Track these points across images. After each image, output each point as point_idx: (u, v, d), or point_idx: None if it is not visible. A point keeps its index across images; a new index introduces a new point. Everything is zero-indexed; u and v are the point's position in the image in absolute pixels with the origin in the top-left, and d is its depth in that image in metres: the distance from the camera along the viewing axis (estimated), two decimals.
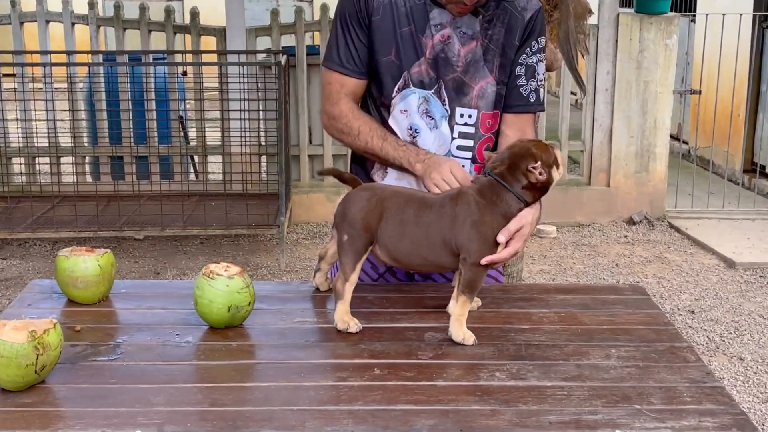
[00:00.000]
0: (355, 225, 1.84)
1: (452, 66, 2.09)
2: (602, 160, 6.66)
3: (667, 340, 1.86)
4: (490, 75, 2.12)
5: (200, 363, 1.72)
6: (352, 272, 1.84)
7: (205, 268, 1.87)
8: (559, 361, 1.73)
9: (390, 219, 1.85)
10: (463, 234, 1.83)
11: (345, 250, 1.85)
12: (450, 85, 2.11)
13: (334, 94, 2.13)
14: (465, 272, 1.83)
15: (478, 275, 1.83)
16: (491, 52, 2.11)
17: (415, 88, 2.09)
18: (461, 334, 1.80)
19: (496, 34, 2.11)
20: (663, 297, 5.10)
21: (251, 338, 1.85)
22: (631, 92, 6.50)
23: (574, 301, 2.09)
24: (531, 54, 2.14)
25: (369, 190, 1.89)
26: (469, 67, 2.11)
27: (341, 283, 1.84)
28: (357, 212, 1.85)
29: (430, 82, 2.10)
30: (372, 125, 2.10)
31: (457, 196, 1.87)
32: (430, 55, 2.08)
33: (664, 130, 6.57)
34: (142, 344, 1.80)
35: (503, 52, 2.12)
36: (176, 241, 6.13)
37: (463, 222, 1.83)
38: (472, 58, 2.10)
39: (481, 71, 2.11)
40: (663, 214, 6.67)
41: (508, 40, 2.12)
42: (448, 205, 1.85)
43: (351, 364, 1.71)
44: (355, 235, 1.84)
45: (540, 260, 5.79)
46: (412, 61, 2.08)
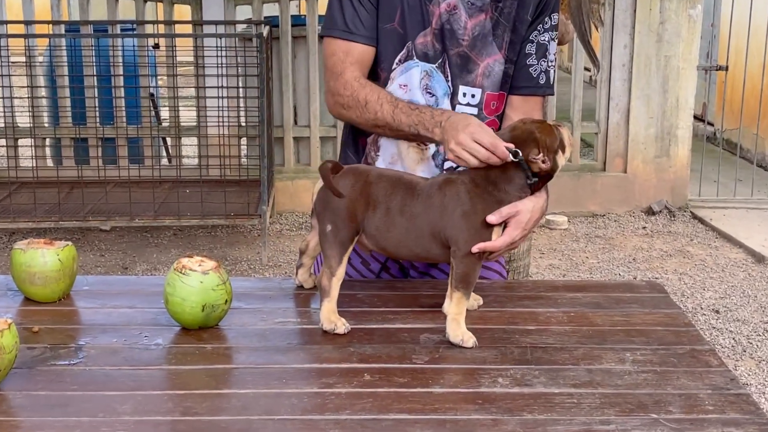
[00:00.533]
0: (339, 213, 1.84)
1: (458, 39, 2.09)
2: (618, 144, 6.67)
3: (687, 342, 1.86)
4: (498, 52, 2.11)
5: (171, 368, 1.72)
6: (338, 266, 1.84)
7: (176, 263, 1.87)
8: (568, 366, 1.73)
9: (375, 206, 1.86)
10: (452, 224, 1.83)
11: (329, 242, 1.85)
12: (454, 60, 2.10)
13: (338, 65, 2.07)
14: (457, 265, 1.83)
15: (472, 268, 1.83)
16: (501, 26, 2.11)
17: (419, 61, 2.09)
18: (459, 335, 1.81)
19: (507, 7, 2.10)
20: (684, 295, 5.11)
21: (228, 340, 1.85)
22: (650, 68, 6.50)
23: (586, 299, 2.09)
24: (543, 31, 2.14)
25: (352, 175, 1.89)
26: (477, 42, 2.10)
27: (327, 278, 1.84)
28: (344, 200, 1.84)
29: (434, 54, 2.09)
30: (380, 92, 2.05)
31: (445, 184, 1.87)
32: (437, 25, 2.08)
33: (686, 111, 6.57)
34: (107, 347, 1.79)
35: (514, 28, 2.12)
36: (146, 232, 6.12)
37: (452, 212, 1.84)
38: (480, 32, 2.10)
39: (489, 47, 2.11)
40: (685, 204, 6.68)
41: (520, 15, 2.11)
42: (436, 195, 1.86)
43: (338, 368, 1.71)
44: (339, 224, 1.84)
45: (549, 254, 5.80)
46: (417, 31, 2.08)
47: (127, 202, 5.39)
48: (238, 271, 5.40)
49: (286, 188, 6.40)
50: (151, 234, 6.10)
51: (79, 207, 5.46)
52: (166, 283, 1.86)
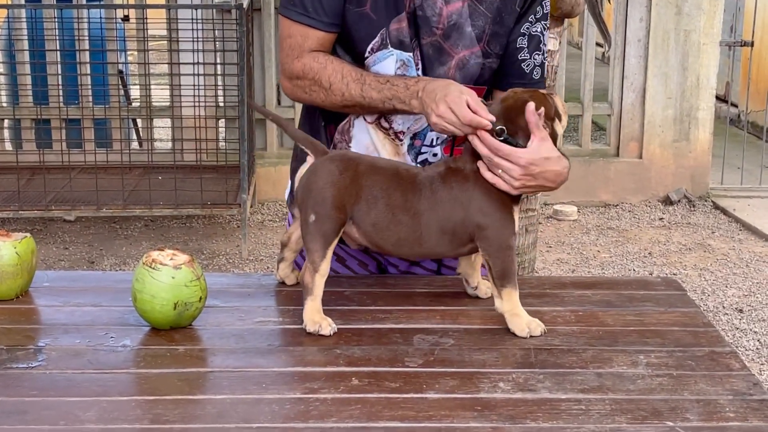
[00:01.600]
0: (324, 203, 1.84)
1: (431, 27, 2.06)
2: (633, 126, 6.68)
3: (706, 344, 1.87)
4: (477, 44, 2.09)
5: (140, 371, 1.71)
6: (321, 261, 1.84)
7: (146, 257, 1.86)
8: (575, 370, 1.73)
9: (371, 201, 1.86)
10: (473, 220, 1.85)
11: (312, 235, 1.84)
12: (426, 50, 2.07)
13: (296, 49, 2.07)
14: (493, 262, 1.86)
15: (509, 260, 1.86)
16: (481, 16, 2.07)
17: (393, 49, 2.06)
18: (524, 327, 1.85)
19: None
20: (705, 293, 5.13)
21: (202, 342, 1.85)
22: (668, 44, 6.51)
23: (596, 297, 2.09)
24: (535, 21, 2.12)
25: (340, 160, 1.89)
26: (452, 32, 2.07)
27: (309, 275, 1.84)
28: (326, 187, 1.84)
29: (410, 42, 2.07)
30: (344, 69, 2.04)
31: (448, 175, 1.88)
32: (410, 10, 2.05)
33: (708, 90, 6.58)
34: (69, 349, 1.79)
35: (499, 19, 2.09)
36: (115, 223, 6.11)
37: (467, 206, 1.86)
38: (456, 20, 2.06)
39: (465, 38, 2.08)
40: (706, 192, 6.70)
41: (507, 5, 2.09)
42: (441, 189, 1.86)
43: (323, 372, 1.71)
44: (324, 215, 1.83)
45: (557, 248, 5.81)
46: (390, 16, 2.05)
47: (94, 189, 5.39)
48: (215, 265, 5.40)
49: (269, 175, 6.40)
50: (120, 225, 6.10)
51: (40, 195, 5.45)
52: (135, 278, 1.86)
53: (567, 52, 6.67)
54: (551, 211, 6.39)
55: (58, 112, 6.12)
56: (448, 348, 1.81)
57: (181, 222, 6.16)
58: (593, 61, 6.74)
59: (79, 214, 5.51)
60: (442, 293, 2.08)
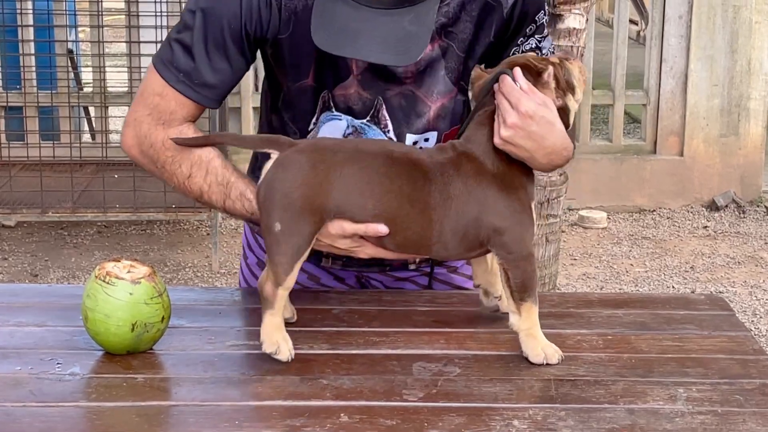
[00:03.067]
0: (292, 207, 1.80)
1: (398, 76, 2.05)
2: (674, 118, 6.69)
3: (757, 375, 1.87)
4: (453, 87, 2.10)
5: (91, 405, 1.71)
6: (287, 275, 1.80)
7: (98, 269, 1.86)
8: (603, 405, 1.74)
9: (366, 189, 1.83)
10: (489, 219, 1.84)
11: (278, 245, 1.80)
12: (396, 102, 2.07)
13: (164, 114, 2.03)
14: (512, 272, 1.85)
15: (530, 269, 1.86)
16: (454, 56, 2.07)
17: (343, 115, 2.06)
18: (540, 353, 1.85)
19: (462, 31, 2.06)
20: (756, 314, 5.13)
21: (165, 369, 1.85)
22: (714, 21, 6.52)
23: (627, 318, 2.10)
24: (526, 39, 2.11)
25: (312, 151, 1.85)
26: (424, 78, 2.07)
27: (271, 287, 1.81)
28: (294, 187, 1.81)
29: (363, 107, 2.06)
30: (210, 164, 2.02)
31: (461, 161, 1.86)
32: (359, 71, 2.04)
33: (761, 77, 6.60)
34: (8, 377, 1.78)
35: (472, 54, 2.09)
36: (63, 229, 6.11)
37: (483, 201, 1.84)
38: (427, 64, 2.06)
39: (440, 82, 2.08)
40: (759, 196, 6.71)
41: (479, 38, 2.08)
42: (455, 180, 1.85)
43: (307, 407, 1.71)
44: (291, 223, 1.80)
45: (583, 260, 5.81)
46: (335, 82, 2.05)
47: (38, 189, 5.39)
48: (180, 279, 5.40)
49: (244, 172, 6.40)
50: (69, 231, 6.09)
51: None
52: (86, 294, 1.86)
53: (595, 30, 6.68)
54: (576, 218, 6.40)
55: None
56: (454, 378, 1.81)
57: (141, 228, 6.16)
58: (626, 42, 6.75)
59: (21, 218, 5.50)
60: (447, 312, 2.08)
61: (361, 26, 1.83)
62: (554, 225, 4.00)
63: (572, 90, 1.91)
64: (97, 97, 6.35)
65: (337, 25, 1.84)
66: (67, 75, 6.44)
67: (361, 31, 1.84)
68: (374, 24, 1.84)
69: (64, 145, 6.03)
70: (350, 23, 1.83)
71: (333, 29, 1.85)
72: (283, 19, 1.99)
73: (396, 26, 1.84)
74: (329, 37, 1.86)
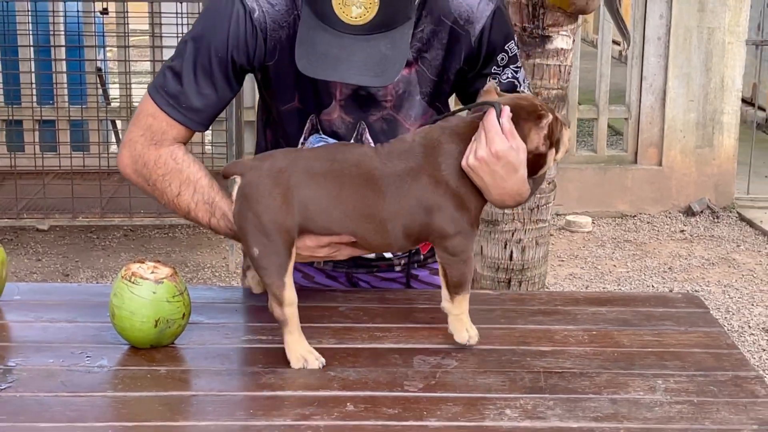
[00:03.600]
0: (265, 231, 1.78)
1: (378, 102, 2.05)
2: (652, 131, 6.68)
3: (730, 367, 1.86)
4: (429, 108, 2.09)
5: (118, 394, 1.71)
6: (283, 291, 1.78)
7: (124, 270, 1.86)
8: (588, 395, 1.73)
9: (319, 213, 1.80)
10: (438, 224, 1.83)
11: (262, 268, 1.79)
12: (378, 126, 2.07)
13: (157, 134, 2.02)
14: (450, 271, 1.86)
15: (467, 269, 1.87)
16: (428, 82, 2.06)
17: (328, 137, 2.06)
18: (465, 334, 1.87)
19: (433, 57, 2.05)
20: (729, 311, 5.12)
21: (185, 362, 1.85)
22: (691, 42, 6.52)
23: (611, 315, 2.09)
24: (501, 70, 2.08)
25: (267, 176, 1.80)
26: (403, 102, 2.06)
27: (278, 308, 1.79)
28: (262, 212, 1.78)
29: (346, 131, 2.06)
30: (198, 183, 2.00)
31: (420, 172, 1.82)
32: (342, 95, 2.03)
33: (733, 92, 6.60)
34: (42, 369, 1.79)
35: (446, 77, 2.07)
36: (92, 232, 6.11)
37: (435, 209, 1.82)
38: (405, 88, 2.05)
39: (417, 105, 2.07)
40: (731, 203, 6.70)
41: (449, 64, 2.06)
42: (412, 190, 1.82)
43: (316, 397, 1.70)
44: (267, 245, 1.78)
45: (570, 261, 5.81)
46: (320, 107, 2.05)
47: (69, 196, 5.39)
48: (200, 279, 5.40)
49: None
50: (97, 235, 6.09)
51: (11, 202, 5.45)
52: (113, 293, 1.85)
53: (581, 50, 6.67)
54: (563, 222, 6.40)
55: (31, 113, 6.12)
56: (451, 371, 1.81)
57: (164, 232, 6.16)
58: (609, 61, 6.75)
59: (54, 222, 5.50)
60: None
61: (341, 52, 1.82)
62: (543, 229, 3.99)
63: (556, 147, 1.89)
64: (124, 111, 6.35)
65: (319, 51, 1.83)
66: (96, 91, 6.44)
67: (342, 57, 1.83)
68: (353, 49, 1.83)
69: (93, 155, 6.03)
70: (331, 49, 1.83)
71: (315, 55, 1.84)
72: (269, 47, 1.99)
73: (373, 51, 1.83)
74: (312, 62, 1.85)
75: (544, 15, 3.70)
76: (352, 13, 1.80)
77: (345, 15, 1.80)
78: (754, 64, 7.78)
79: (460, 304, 1.88)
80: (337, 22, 1.81)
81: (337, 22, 1.81)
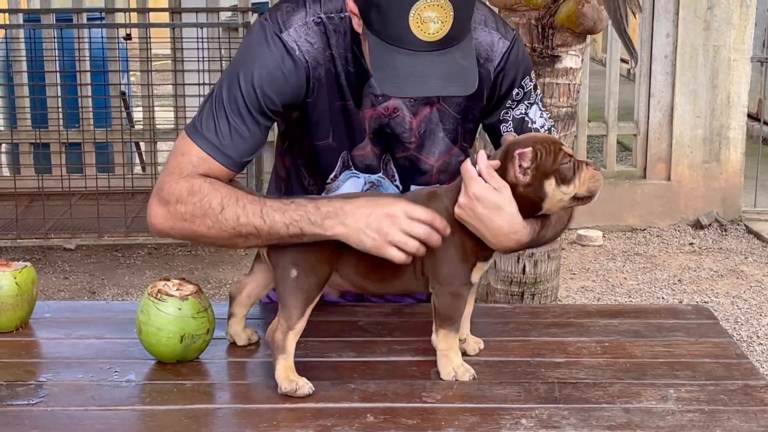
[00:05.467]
0: (309, 255, 1.78)
1: (403, 143, 2.05)
2: (661, 147, 6.67)
3: (740, 377, 1.86)
4: (453, 146, 2.08)
5: (145, 408, 1.72)
6: (299, 320, 1.76)
7: (151, 287, 1.87)
8: (602, 405, 1.73)
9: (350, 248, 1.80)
10: (429, 253, 1.80)
11: (291, 290, 1.77)
12: (401, 163, 2.08)
13: (186, 168, 1.89)
14: (438, 303, 1.83)
15: (454, 305, 1.83)
16: (451, 119, 2.06)
17: (360, 173, 2.07)
18: (450, 371, 1.81)
19: (456, 96, 2.04)
20: (738, 322, 5.10)
21: (210, 376, 1.85)
22: (697, 60, 6.51)
23: (623, 327, 2.09)
24: (516, 105, 2.07)
25: None
26: (425, 141, 2.06)
27: (282, 333, 1.76)
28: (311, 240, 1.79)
29: (376, 163, 2.07)
30: (238, 193, 1.87)
31: (428, 199, 1.85)
32: (371, 130, 2.03)
33: (739, 108, 6.58)
34: (72, 384, 1.79)
35: (471, 116, 2.08)
36: (117, 251, 6.13)
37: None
38: (426, 127, 2.05)
39: (440, 143, 2.07)
40: (739, 216, 6.68)
41: (474, 103, 2.06)
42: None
43: (337, 408, 1.71)
44: (307, 269, 1.77)
45: (581, 275, 5.79)
46: (352, 144, 2.04)
47: (95, 216, 5.40)
48: (222, 295, 5.40)
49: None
50: (123, 253, 6.11)
51: (39, 222, 5.47)
52: (139, 310, 1.86)
53: (590, 69, 6.67)
54: (575, 236, 6.39)
55: (58, 136, 6.15)
56: (468, 382, 1.81)
57: (186, 250, 6.17)
58: (618, 79, 6.74)
59: (80, 242, 5.52)
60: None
61: (424, 69, 1.80)
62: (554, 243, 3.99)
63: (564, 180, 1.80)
64: (147, 134, 6.36)
65: (402, 73, 1.80)
66: (120, 114, 6.48)
67: (426, 73, 1.80)
68: (434, 64, 1.81)
69: (118, 176, 6.04)
70: (414, 68, 1.80)
71: (399, 77, 1.80)
72: (310, 85, 1.96)
73: (452, 63, 1.82)
74: (399, 84, 1.82)
75: (553, 35, 3.70)
76: (430, 29, 1.78)
77: (423, 32, 1.78)
78: (760, 80, 7.77)
79: (445, 339, 1.83)
80: (414, 41, 1.79)
81: (414, 41, 1.79)
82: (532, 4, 3.65)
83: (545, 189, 1.81)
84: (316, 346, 1.94)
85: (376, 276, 1.87)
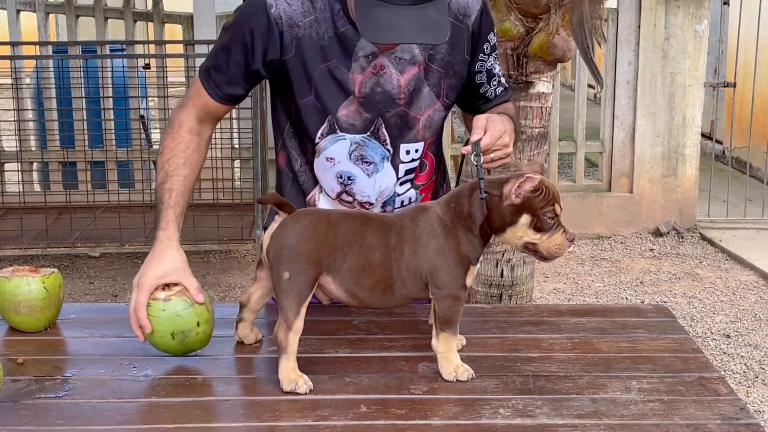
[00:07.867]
0: (299, 258, 1.74)
1: (393, 100, 2.05)
2: (624, 163, 6.68)
3: (695, 369, 1.86)
4: (437, 100, 2.10)
5: (161, 400, 1.71)
6: (296, 318, 1.73)
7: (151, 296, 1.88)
8: (571, 396, 1.73)
9: (346, 247, 1.78)
10: (427, 261, 1.78)
11: (285, 293, 1.74)
12: (392, 121, 2.07)
13: (192, 97, 2.10)
14: (438, 307, 1.79)
15: (454, 308, 1.79)
16: (435, 74, 2.08)
17: (345, 134, 2.05)
18: (452, 371, 1.79)
19: (440, 52, 2.07)
20: (694, 319, 5.10)
21: (219, 371, 1.85)
22: (656, 85, 6.52)
23: (590, 324, 2.09)
24: (487, 57, 2.15)
25: (311, 215, 1.84)
26: (413, 98, 2.07)
27: (283, 333, 1.73)
28: (301, 242, 1.75)
29: (364, 124, 2.05)
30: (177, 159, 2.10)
31: (417, 213, 1.82)
32: (361, 93, 2.03)
33: (694, 129, 6.59)
34: (95, 379, 1.79)
35: (452, 72, 2.10)
36: (137, 258, 6.11)
37: (425, 246, 1.79)
38: (415, 85, 2.06)
39: (427, 98, 2.08)
40: (694, 225, 6.69)
41: (456, 57, 2.09)
42: (408, 226, 1.80)
43: (333, 400, 1.70)
44: (298, 271, 1.74)
45: (553, 278, 5.79)
46: (337, 103, 2.03)
47: (117, 227, 5.39)
48: (231, 297, 5.39)
49: None
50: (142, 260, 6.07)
51: (67, 233, 5.45)
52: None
53: (560, 93, 6.68)
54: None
55: (84, 155, 6.13)
56: None
57: (200, 257, 6.16)
58: (585, 102, 6.75)
59: (104, 250, 5.51)
60: None
61: (401, 21, 1.86)
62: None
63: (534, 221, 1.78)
64: None
65: (383, 23, 1.86)
66: (140, 135, 6.47)
67: (403, 24, 1.87)
68: (410, 17, 1.87)
69: (138, 191, 6.03)
70: (393, 20, 1.86)
71: (380, 27, 1.87)
72: (285, 42, 2.00)
73: (426, 17, 1.88)
74: (379, 32, 1.88)
75: (527, 63, 3.71)
76: None
77: None
78: (712, 103, 7.78)
79: (446, 341, 1.80)
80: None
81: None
82: (508, 36, 3.66)
83: (518, 221, 1.78)
84: (314, 343, 1.93)
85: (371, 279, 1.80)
